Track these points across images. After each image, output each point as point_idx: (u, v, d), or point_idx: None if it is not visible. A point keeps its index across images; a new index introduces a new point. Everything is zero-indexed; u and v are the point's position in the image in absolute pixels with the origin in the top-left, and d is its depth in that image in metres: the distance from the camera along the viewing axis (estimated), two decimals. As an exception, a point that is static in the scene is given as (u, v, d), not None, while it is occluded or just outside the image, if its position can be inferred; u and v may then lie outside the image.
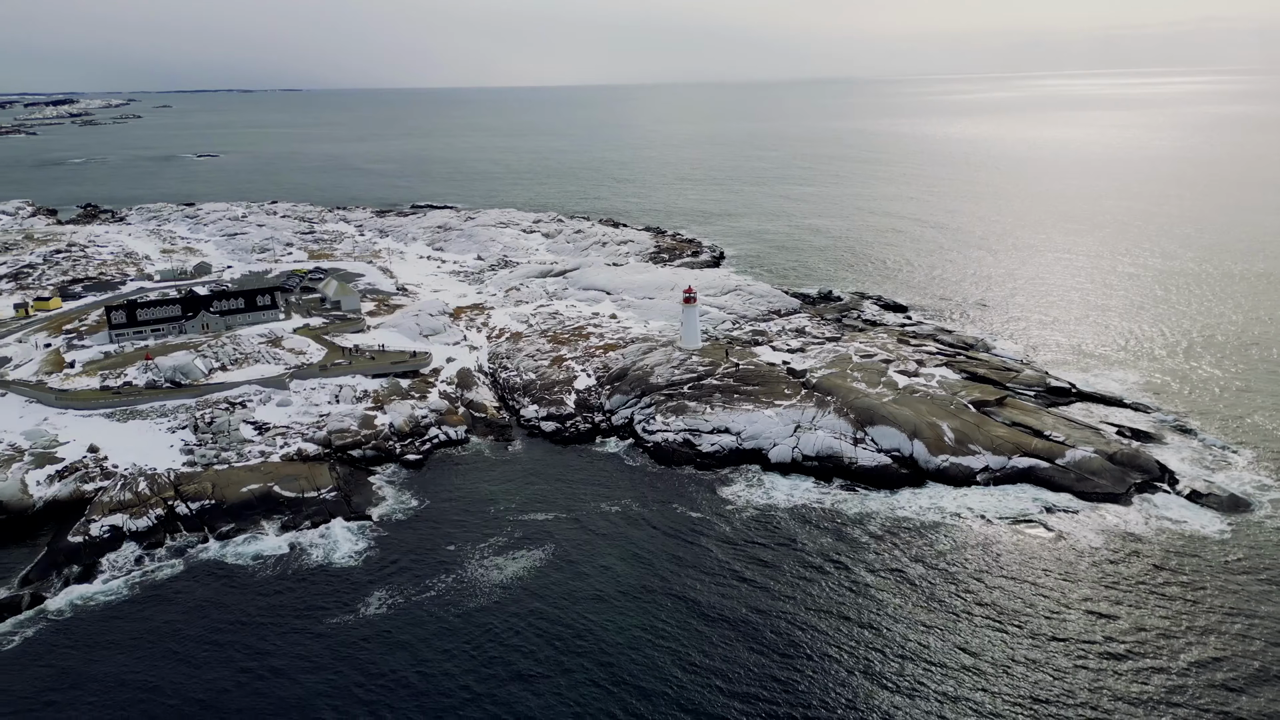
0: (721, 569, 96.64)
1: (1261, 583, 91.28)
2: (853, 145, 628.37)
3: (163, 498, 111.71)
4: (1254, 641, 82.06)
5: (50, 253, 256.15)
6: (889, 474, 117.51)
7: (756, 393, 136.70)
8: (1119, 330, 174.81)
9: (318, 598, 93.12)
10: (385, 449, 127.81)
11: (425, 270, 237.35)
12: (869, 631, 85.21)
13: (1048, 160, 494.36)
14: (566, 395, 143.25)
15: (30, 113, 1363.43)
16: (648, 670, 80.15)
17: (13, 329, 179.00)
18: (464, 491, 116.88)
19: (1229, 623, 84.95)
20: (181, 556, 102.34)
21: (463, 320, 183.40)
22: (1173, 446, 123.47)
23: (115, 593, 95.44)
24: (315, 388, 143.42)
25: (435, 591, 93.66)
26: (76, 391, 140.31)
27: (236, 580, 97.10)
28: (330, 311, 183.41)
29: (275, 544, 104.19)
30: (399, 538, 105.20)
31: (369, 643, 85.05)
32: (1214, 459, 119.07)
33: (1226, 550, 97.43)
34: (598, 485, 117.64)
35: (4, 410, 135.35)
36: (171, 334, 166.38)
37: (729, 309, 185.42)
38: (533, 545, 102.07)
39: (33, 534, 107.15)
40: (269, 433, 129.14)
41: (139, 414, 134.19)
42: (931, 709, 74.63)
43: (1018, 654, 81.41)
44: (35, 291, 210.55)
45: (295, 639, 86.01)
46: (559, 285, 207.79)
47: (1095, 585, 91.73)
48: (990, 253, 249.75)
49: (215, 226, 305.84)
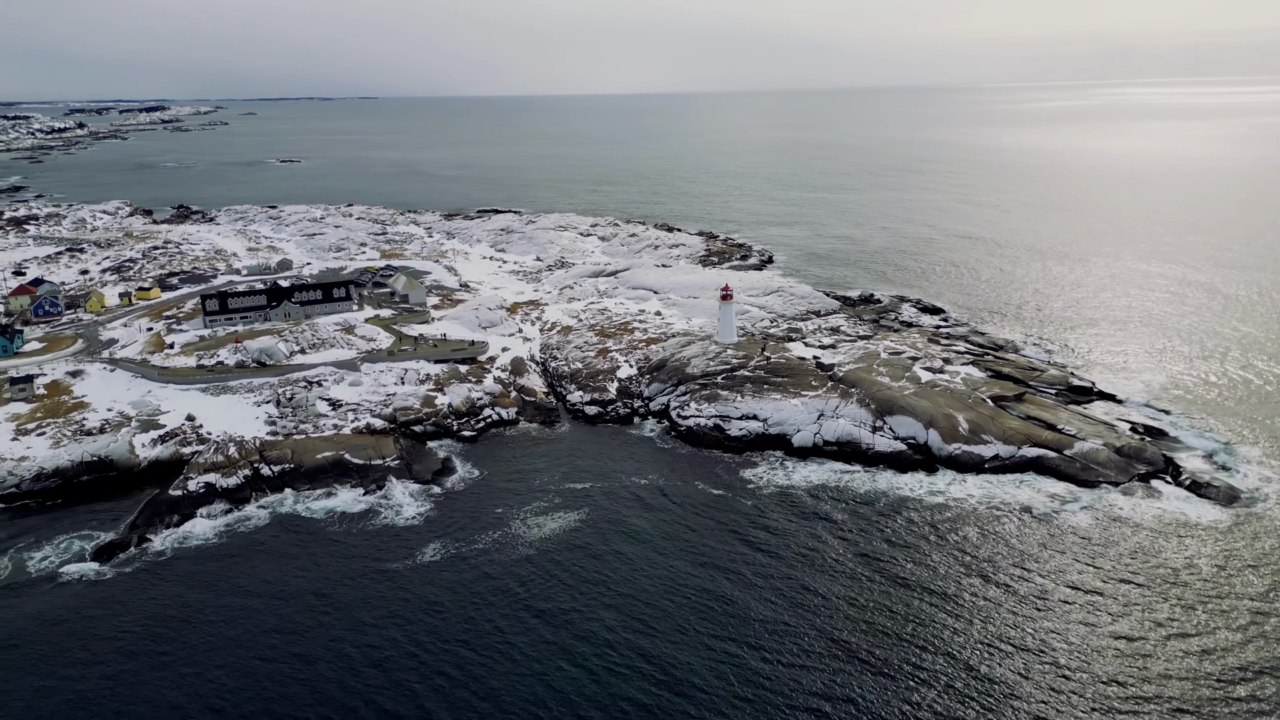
0: (735, 534, 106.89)
1: (1246, 568, 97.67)
2: (914, 154, 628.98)
3: (249, 461, 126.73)
4: (1231, 623, 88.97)
5: (148, 249, 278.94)
6: (903, 459, 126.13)
7: (785, 384, 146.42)
8: (1157, 339, 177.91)
9: (380, 547, 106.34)
10: (444, 425, 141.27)
11: (487, 269, 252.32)
12: (861, 585, 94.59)
13: (1110, 171, 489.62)
14: (609, 383, 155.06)
15: (125, 119, 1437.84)
16: (655, 615, 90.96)
17: (118, 315, 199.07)
18: (512, 464, 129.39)
19: (1205, 604, 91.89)
20: (264, 510, 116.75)
21: (519, 315, 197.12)
22: (1184, 443, 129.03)
23: (206, 538, 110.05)
24: (383, 370, 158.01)
25: (482, 545, 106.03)
26: (176, 369, 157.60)
27: (310, 531, 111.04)
28: (398, 304, 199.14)
29: (345, 502, 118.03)
30: (453, 501, 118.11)
31: (423, 585, 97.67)
32: (1224, 456, 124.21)
33: (1216, 537, 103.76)
34: (632, 462, 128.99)
35: (114, 383, 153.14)
36: (258, 321, 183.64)
37: (769, 309, 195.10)
38: (569, 509, 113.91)
39: (139, 488, 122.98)
40: (341, 408, 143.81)
41: (229, 389, 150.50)
42: (902, 656, 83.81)
43: (977, 614, 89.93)
44: (136, 283, 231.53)
45: (360, 581, 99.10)
46: (610, 284, 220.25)
47: (1077, 562, 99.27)
48: (1038, 262, 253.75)
49: (296, 227, 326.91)
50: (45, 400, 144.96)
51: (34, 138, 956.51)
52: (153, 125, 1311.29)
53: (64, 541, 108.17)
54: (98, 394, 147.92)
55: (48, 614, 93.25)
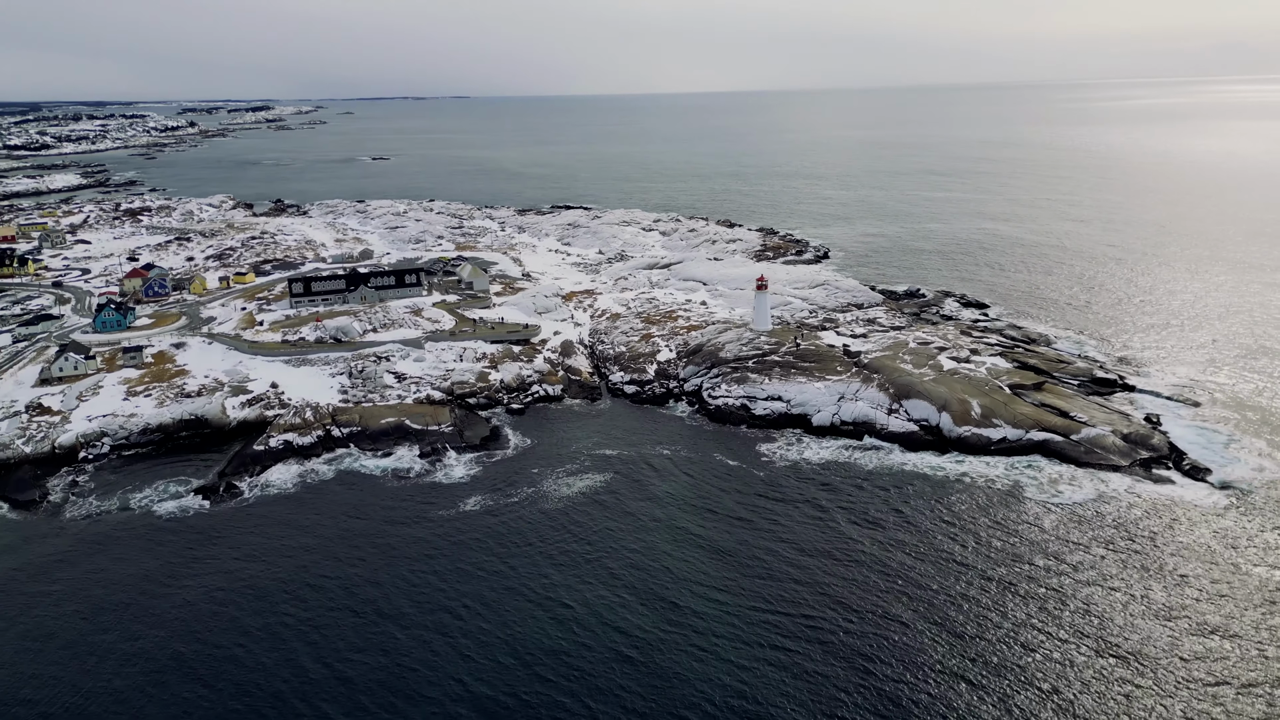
0: (741, 497, 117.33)
1: (1226, 545, 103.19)
2: (989, 155, 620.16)
3: (322, 423, 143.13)
4: (1209, 594, 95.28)
5: (247, 238, 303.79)
6: (914, 439, 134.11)
7: (812, 369, 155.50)
8: (1208, 342, 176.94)
9: (428, 498, 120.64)
10: (495, 398, 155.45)
11: (551, 261, 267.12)
12: (848, 543, 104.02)
13: (1199, 171, 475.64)
14: (649, 365, 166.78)
15: (233, 118, 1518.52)
16: (652, 562, 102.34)
17: (217, 296, 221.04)
18: (553, 434, 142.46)
19: (1182, 575, 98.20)
20: (334, 465, 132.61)
21: (573, 302, 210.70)
22: (1193, 433, 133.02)
23: (282, 486, 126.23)
24: (444, 348, 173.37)
25: (516, 499, 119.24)
26: (263, 343, 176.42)
27: (370, 484, 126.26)
28: (463, 290, 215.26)
29: (402, 461, 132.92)
30: (497, 462, 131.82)
31: (459, 530, 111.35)
32: (1229, 449, 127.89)
33: (1205, 517, 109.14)
34: (660, 435, 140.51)
35: (211, 354, 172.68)
36: (337, 303, 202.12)
37: (811, 300, 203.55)
38: (596, 473, 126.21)
39: (228, 443, 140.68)
40: (405, 381, 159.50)
41: (308, 362, 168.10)
42: (873, 604, 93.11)
43: (953, 584, 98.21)
44: (234, 269, 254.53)
45: (407, 525, 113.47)
46: (662, 276, 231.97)
47: (1060, 539, 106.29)
48: (1102, 264, 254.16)
49: (380, 220, 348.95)
50: (152, 367, 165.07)
51: (149, 135, 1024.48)
52: (257, 124, 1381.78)
53: (163, 485, 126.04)
54: (196, 363, 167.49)
55: (150, 541, 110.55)
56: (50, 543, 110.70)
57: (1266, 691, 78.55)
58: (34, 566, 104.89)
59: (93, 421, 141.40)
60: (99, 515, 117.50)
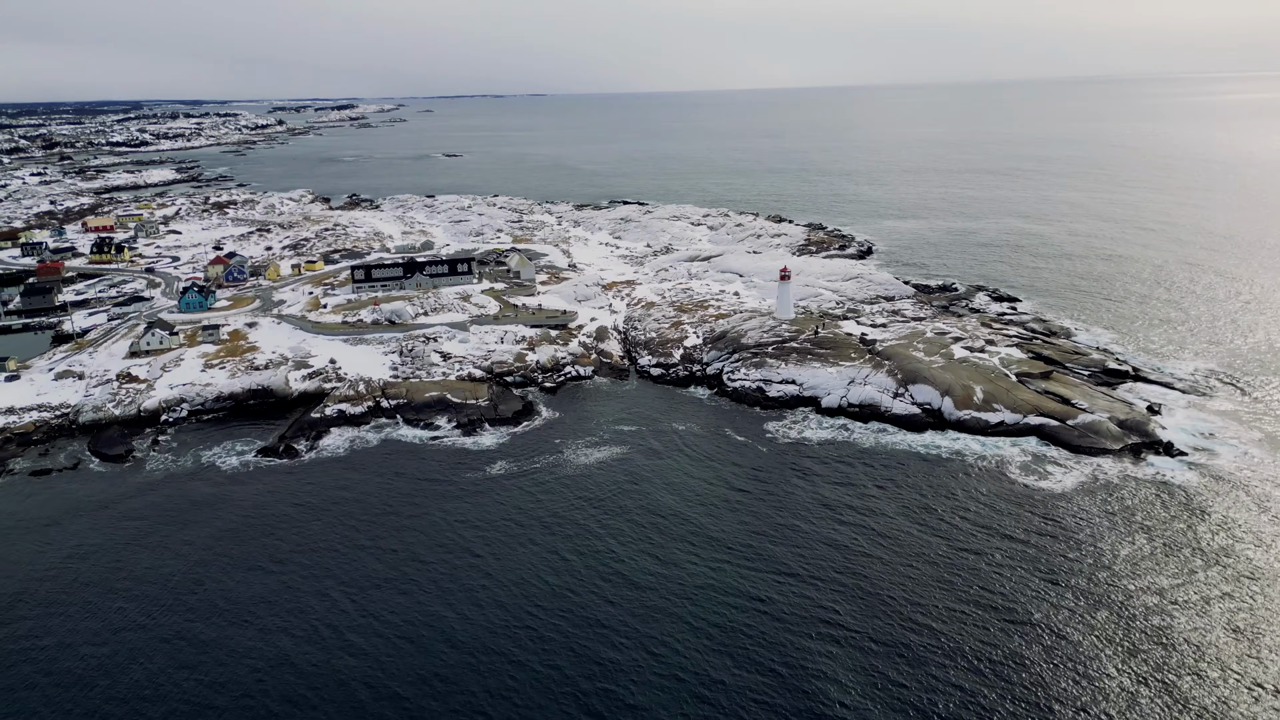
0: (746, 466, 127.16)
1: (1199, 518, 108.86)
2: (1050, 153, 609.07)
3: (373, 396, 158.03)
4: (1178, 566, 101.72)
5: (321, 230, 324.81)
6: (916, 421, 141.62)
7: (827, 355, 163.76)
8: (1233, 337, 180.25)
9: (459, 463, 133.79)
10: (530, 377, 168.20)
11: (600, 254, 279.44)
12: (843, 514, 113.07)
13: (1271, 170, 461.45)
14: (675, 350, 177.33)
15: (319, 116, 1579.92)
16: (652, 526, 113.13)
17: (289, 282, 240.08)
18: (580, 410, 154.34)
19: (1154, 550, 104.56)
20: (380, 433, 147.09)
21: (612, 292, 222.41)
22: (1191, 423, 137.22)
23: (335, 449, 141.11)
24: (488, 331, 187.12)
25: (539, 465, 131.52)
26: (325, 323, 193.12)
27: (411, 449, 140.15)
28: (511, 279, 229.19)
29: (441, 431, 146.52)
30: (525, 433, 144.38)
31: (484, 495, 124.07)
32: (1225, 437, 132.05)
33: (1185, 497, 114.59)
34: (678, 413, 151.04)
35: (279, 333, 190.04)
36: (394, 289, 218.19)
37: (841, 293, 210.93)
38: (614, 445, 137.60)
39: (289, 410, 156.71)
40: (450, 360, 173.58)
41: (364, 341, 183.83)
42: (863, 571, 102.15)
43: (932, 550, 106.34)
44: (306, 258, 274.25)
45: (437, 484, 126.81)
46: (701, 268, 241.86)
47: (1043, 515, 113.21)
48: (1153, 263, 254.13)
49: (446, 214, 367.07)
50: (227, 343, 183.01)
51: (240, 133, 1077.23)
52: (341, 122, 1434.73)
53: (231, 444, 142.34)
54: (266, 340, 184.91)
55: (219, 492, 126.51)
56: (134, 490, 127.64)
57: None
58: (121, 509, 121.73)
59: (174, 389, 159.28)
60: (176, 469, 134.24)
